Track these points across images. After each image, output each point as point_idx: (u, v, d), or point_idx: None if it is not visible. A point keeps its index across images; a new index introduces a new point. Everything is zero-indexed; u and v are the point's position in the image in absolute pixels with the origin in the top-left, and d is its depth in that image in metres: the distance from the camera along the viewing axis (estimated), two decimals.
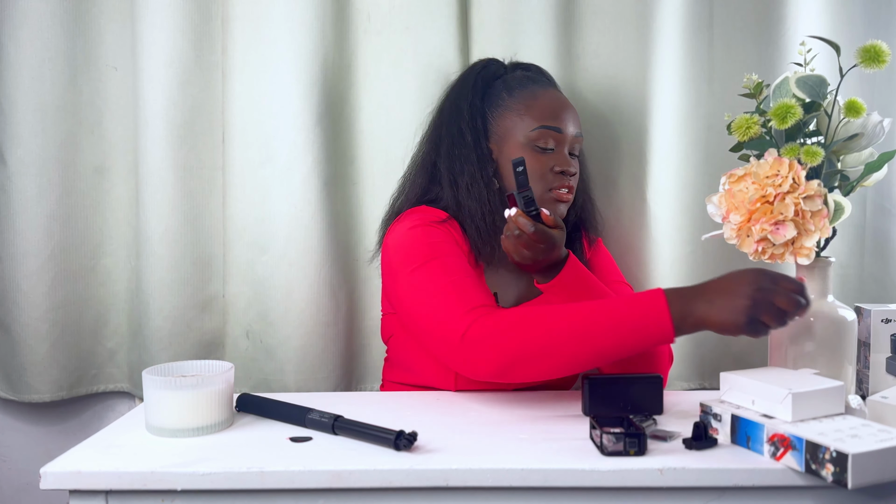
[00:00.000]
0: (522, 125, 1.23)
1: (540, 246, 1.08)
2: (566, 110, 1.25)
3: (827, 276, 1.08)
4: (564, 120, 1.24)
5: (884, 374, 1.18)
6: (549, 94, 1.26)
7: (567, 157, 1.24)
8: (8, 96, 1.43)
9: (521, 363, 1.01)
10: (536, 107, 1.24)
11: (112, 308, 1.53)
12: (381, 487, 0.87)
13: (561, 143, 1.23)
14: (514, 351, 1.00)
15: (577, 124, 1.26)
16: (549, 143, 1.22)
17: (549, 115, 1.23)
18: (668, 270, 1.49)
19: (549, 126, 1.22)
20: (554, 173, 1.22)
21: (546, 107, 1.24)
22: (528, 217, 1.08)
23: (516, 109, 1.24)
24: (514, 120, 1.24)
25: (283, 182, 1.45)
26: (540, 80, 1.30)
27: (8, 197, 1.44)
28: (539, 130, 1.22)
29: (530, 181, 1.17)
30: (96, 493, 0.88)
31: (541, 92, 1.26)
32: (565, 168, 1.22)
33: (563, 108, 1.25)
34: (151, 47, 1.42)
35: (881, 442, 0.82)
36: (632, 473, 0.86)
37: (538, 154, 1.22)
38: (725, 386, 0.98)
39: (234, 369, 1.05)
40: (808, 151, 1.02)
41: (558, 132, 1.23)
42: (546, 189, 1.22)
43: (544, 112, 1.23)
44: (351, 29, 1.48)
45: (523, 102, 1.24)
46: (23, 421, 1.56)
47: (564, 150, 1.24)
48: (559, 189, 1.22)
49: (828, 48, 1.08)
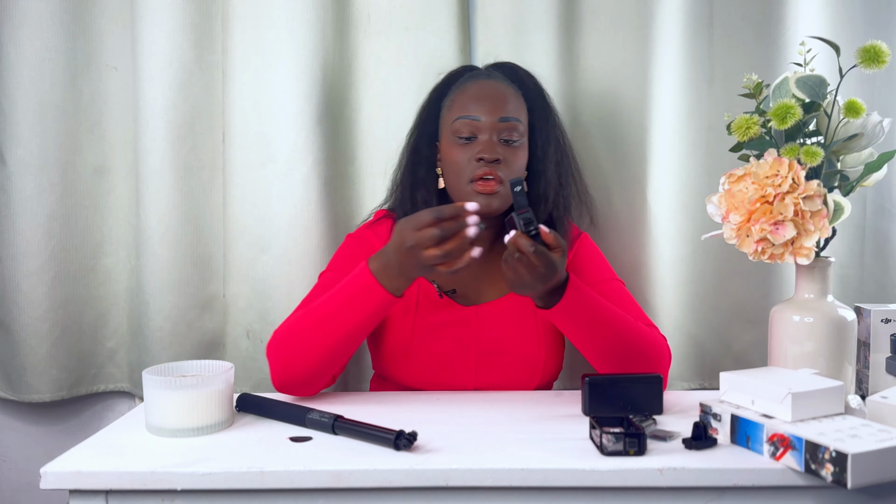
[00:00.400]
0: (448, 120, 1.24)
1: (540, 270, 1.01)
2: (487, 97, 1.21)
3: (827, 276, 1.08)
4: (483, 107, 1.20)
5: (883, 374, 1.18)
6: (476, 84, 1.24)
7: (487, 144, 1.19)
8: (8, 96, 1.43)
9: (291, 360, 1.11)
10: (458, 100, 1.23)
11: (112, 308, 1.53)
12: (381, 487, 0.87)
13: (480, 130, 1.20)
14: (282, 351, 1.12)
15: (503, 109, 1.21)
16: (465, 131, 1.20)
17: (467, 104, 1.21)
18: (668, 270, 1.49)
19: (465, 116, 1.21)
20: (474, 162, 1.19)
21: (466, 97, 1.22)
22: (527, 237, 1.01)
23: (447, 107, 1.25)
24: (445, 118, 1.25)
25: (283, 182, 1.45)
26: (481, 75, 1.28)
27: (8, 197, 1.45)
28: (457, 122, 1.21)
29: (452, 176, 1.20)
30: (96, 493, 0.88)
31: (469, 86, 1.24)
32: (482, 155, 1.18)
33: (484, 95, 1.22)
34: (152, 47, 1.42)
35: (881, 442, 0.82)
36: (632, 473, 0.86)
37: (460, 145, 1.21)
38: (725, 386, 0.98)
39: (234, 369, 1.05)
40: (808, 151, 1.02)
41: (475, 120, 1.20)
42: (467, 181, 1.19)
43: (464, 102, 1.22)
44: (351, 29, 1.48)
45: (452, 98, 1.25)
46: (23, 421, 1.56)
47: (486, 137, 1.20)
48: (479, 179, 1.18)
49: (828, 48, 1.08)
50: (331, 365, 1.12)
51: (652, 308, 1.48)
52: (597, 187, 1.49)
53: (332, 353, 1.11)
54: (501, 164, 1.19)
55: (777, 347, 1.09)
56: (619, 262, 1.49)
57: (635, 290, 1.48)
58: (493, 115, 1.20)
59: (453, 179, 1.22)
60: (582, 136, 1.49)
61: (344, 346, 1.11)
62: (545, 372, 1.24)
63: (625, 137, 1.48)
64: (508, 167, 1.20)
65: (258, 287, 1.47)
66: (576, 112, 1.49)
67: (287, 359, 1.11)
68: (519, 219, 1.01)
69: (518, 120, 1.22)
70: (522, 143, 1.23)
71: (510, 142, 1.21)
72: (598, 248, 1.33)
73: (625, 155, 1.48)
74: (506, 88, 1.24)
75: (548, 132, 1.28)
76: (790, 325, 1.07)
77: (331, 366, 1.12)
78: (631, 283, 1.48)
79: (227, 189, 1.47)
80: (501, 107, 1.21)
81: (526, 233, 1.01)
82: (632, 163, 1.47)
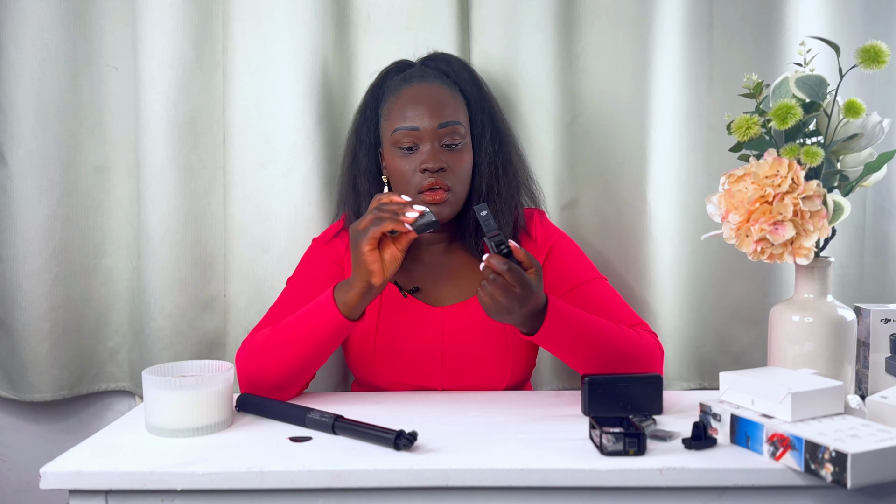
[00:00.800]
0: (387, 131, 1.22)
1: (515, 290, 0.98)
2: (424, 104, 1.19)
3: (826, 276, 1.08)
4: (420, 115, 1.18)
5: (883, 374, 1.19)
6: (409, 91, 1.21)
7: (429, 152, 1.18)
8: (8, 96, 1.43)
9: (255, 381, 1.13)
10: (395, 109, 1.21)
11: (113, 308, 1.53)
12: (381, 487, 0.87)
13: (420, 139, 1.18)
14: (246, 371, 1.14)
15: (441, 114, 1.18)
16: (405, 142, 1.19)
17: (404, 114, 1.19)
18: (668, 270, 1.49)
19: (403, 127, 1.19)
20: (419, 173, 1.18)
21: (402, 107, 1.20)
22: (500, 256, 1.00)
23: (384, 115, 1.24)
24: (384, 127, 1.23)
25: (283, 182, 1.45)
26: (415, 76, 1.24)
27: (9, 197, 1.45)
28: (396, 133, 1.19)
29: (400, 187, 1.20)
30: (96, 493, 0.88)
31: (403, 91, 1.22)
32: (425, 165, 1.17)
33: (420, 102, 1.19)
34: (152, 47, 1.42)
35: (880, 442, 0.82)
36: (631, 473, 0.86)
37: (402, 156, 1.19)
38: (725, 386, 0.98)
39: (234, 369, 1.05)
40: (808, 152, 1.02)
41: (414, 130, 1.18)
42: (415, 192, 1.18)
43: (400, 113, 1.20)
44: (351, 29, 1.48)
45: (388, 106, 1.23)
46: (23, 420, 1.56)
47: (427, 146, 1.18)
48: (427, 190, 1.17)
49: (828, 48, 1.08)
50: (294, 381, 1.15)
51: (651, 308, 1.48)
52: (596, 187, 1.50)
53: (294, 371, 1.13)
54: (447, 172, 1.19)
55: (777, 347, 1.09)
56: (619, 262, 1.49)
57: (635, 289, 1.48)
58: (432, 122, 1.18)
59: (401, 190, 1.21)
60: (581, 137, 1.49)
61: (305, 365, 1.14)
62: (514, 373, 1.23)
63: (624, 137, 1.47)
64: (454, 173, 1.19)
65: (259, 287, 1.47)
66: (575, 112, 1.48)
67: (252, 373, 1.14)
68: (491, 242, 1.01)
69: (458, 122, 1.20)
70: (465, 144, 1.22)
71: (453, 146, 1.20)
72: (577, 247, 1.30)
73: (624, 155, 1.48)
74: (441, 90, 1.22)
75: (483, 123, 1.25)
76: (790, 325, 1.07)
77: (294, 382, 1.15)
78: (631, 282, 1.48)
79: (228, 189, 1.47)
80: (439, 112, 1.19)
81: (498, 253, 1.01)
82: (631, 163, 1.47)
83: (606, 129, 1.48)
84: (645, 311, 1.47)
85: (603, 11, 1.46)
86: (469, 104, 1.25)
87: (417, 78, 1.24)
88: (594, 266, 1.28)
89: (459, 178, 1.20)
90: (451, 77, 1.27)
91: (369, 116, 1.28)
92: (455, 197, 1.20)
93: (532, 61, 1.45)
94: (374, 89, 1.30)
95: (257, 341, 1.15)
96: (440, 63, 1.29)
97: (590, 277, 1.24)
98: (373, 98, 1.29)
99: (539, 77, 1.46)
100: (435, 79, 1.24)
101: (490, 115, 1.27)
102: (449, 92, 1.23)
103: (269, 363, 1.12)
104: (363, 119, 1.28)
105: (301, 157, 1.44)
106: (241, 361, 1.16)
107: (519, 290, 0.99)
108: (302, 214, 1.45)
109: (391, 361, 1.23)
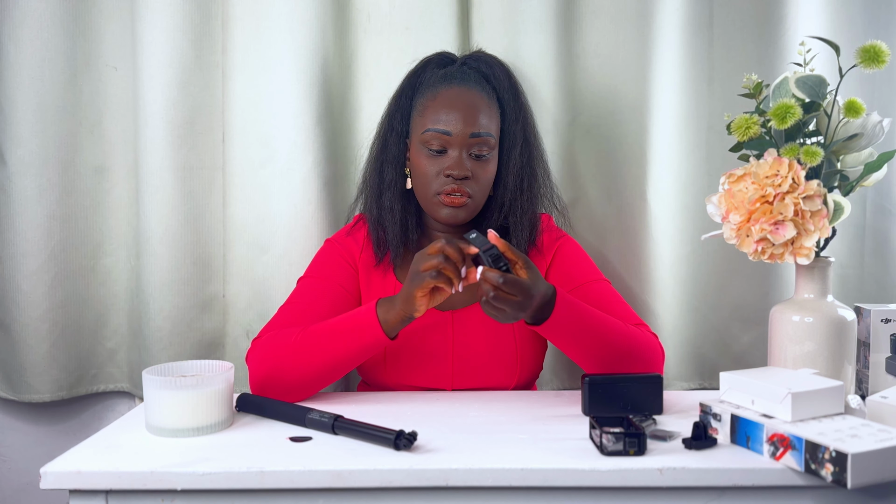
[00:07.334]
0: (419, 128, 1.22)
1: (514, 298, 0.99)
2: (459, 110, 1.19)
3: (827, 276, 1.08)
4: (454, 121, 1.18)
5: (883, 374, 1.19)
6: (448, 93, 1.21)
7: (456, 160, 1.19)
8: (8, 96, 1.43)
9: (272, 380, 1.11)
10: (430, 107, 1.21)
11: (112, 308, 1.53)
12: (381, 487, 0.87)
13: (450, 144, 1.19)
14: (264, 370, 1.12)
15: (474, 123, 1.19)
16: (435, 145, 1.19)
17: (438, 116, 1.19)
18: (668, 270, 1.49)
19: (435, 129, 1.19)
20: (443, 176, 1.19)
21: (437, 107, 1.20)
22: (494, 269, 1.00)
23: (418, 110, 1.23)
24: (416, 121, 1.23)
25: (283, 182, 1.45)
26: (455, 77, 1.23)
27: (8, 197, 1.45)
28: (427, 133, 1.19)
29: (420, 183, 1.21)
30: (96, 493, 0.88)
31: (441, 91, 1.21)
32: (450, 172, 1.18)
33: (456, 107, 1.19)
34: (151, 47, 1.42)
35: (881, 442, 0.82)
36: (632, 473, 0.86)
37: (430, 157, 1.20)
38: (725, 386, 0.98)
39: (234, 369, 1.05)
40: (808, 151, 1.02)
41: (446, 134, 1.18)
42: (434, 192, 1.20)
43: (434, 113, 1.20)
44: (351, 29, 1.48)
45: (423, 103, 1.23)
46: (23, 421, 1.56)
47: (456, 153, 1.19)
48: (446, 194, 1.18)
49: (828, 48, 1.08)
50: (313, 386, 1.14)
51: (651, 308, 1.48)
52: (596, 187, 1.50)
53: (319, 375, 1.12)
54: (470, 181, 1.19)
55: (777, 347, 1.09)
56: (618, 262, 1.49)
57: (635, 290, 1.48)
58: (465, 129, 1.18)
59: (421, 187, 1.21)
60: (581, 136, 1.49)
61: (332, 371, 1.12)
62: (522, 374, 1.24)
63: (624, 137, 1.47)
64: (477, 182, 1.20)
65: (258, 287, 1.47)
66: (575, 112, 1.49)
67: (272, 371, 1.11)
68: (486, 256, 1.02)
69: (489, 134, 1.20)
70: (493, 155, 1.23)
71: (480, 157, 1.20)
72: (582, 249, 1.31)
73: (624, 155, 1.48)
74: (478, 98, 1.21)
75: (515, 135, 1.25)
76: (790, 325, 1.07)
77: (313, 387, 1.14)
78: (631, 283, 1.48)
79: (227, 189, 1.47)
80: (473, 120, 1.19)
81: (495, 266, 1.01)
82: (631, 163, 1.47)
83: (606, 129, 1.48)
84: (645, 311, 1.47)
85: (603, 11, 1.46)
86: (504, 113, 1.25)
87: (458, 80, 1.23)
88: (598, 269, 1.29)
89: (481, 187, 1.22)
90: (491, 83, 1.26)
91: (403, 104, 1.27)
92: (474, 203, 1.21)
93: (532, 61, 1.45)
94: (412, 77, 1.28)
95: (283, 341, 1.12)
96: (482, 65, 1.27)
97: (593, 278, 1.25)
98: (409, 86, 1.28)
99: (539, 77, 1.46)
100: (475, 84, 1.23)
101: (523, 126, 1.26)
102: (486, 100, 1.22)
103: (295, 364, 1.10)
104: (397, 106, 1.27)
105: (300, 156, 1.44)
106: (257, 360, 1.13)
107: (520, 298, 1.00)
108: (301, 214, 1.45)
109: (403, 364, 1.23)
